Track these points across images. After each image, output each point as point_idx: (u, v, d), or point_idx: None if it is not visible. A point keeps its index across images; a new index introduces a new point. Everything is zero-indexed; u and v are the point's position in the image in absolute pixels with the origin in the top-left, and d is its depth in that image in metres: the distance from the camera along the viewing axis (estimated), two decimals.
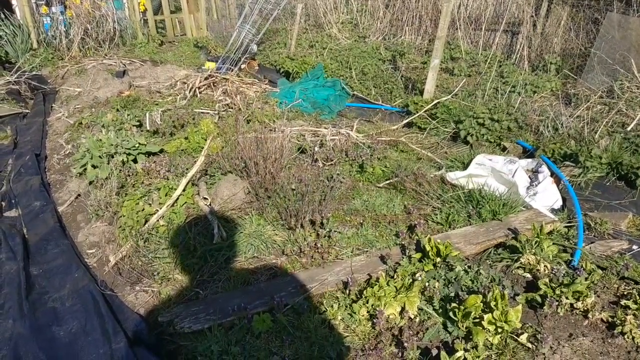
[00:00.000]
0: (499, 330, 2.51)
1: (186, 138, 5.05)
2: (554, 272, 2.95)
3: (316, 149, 4.76)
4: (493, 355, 2.47)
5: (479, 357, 2.39)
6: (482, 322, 2.53)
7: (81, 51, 9.23)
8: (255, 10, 8.24)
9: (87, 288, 3.02)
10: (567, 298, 2.76)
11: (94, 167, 4.35)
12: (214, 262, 3.22)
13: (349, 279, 2.88)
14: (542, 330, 2.64)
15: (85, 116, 6.09)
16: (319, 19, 10.21)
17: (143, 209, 3.69)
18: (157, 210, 3.69)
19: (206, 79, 7.08)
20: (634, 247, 3.39)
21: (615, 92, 5.60)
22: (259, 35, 8.49)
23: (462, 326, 2.59)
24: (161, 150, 4.85)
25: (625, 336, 2.57)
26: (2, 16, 8.77)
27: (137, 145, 4.56)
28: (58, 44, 9.21)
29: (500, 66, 7.41)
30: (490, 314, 2.53)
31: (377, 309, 2.66)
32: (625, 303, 2.75)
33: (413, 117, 5.83)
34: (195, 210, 3.80)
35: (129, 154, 4.49)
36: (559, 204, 3.99)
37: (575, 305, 2.76)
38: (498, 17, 8.27)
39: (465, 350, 2.43)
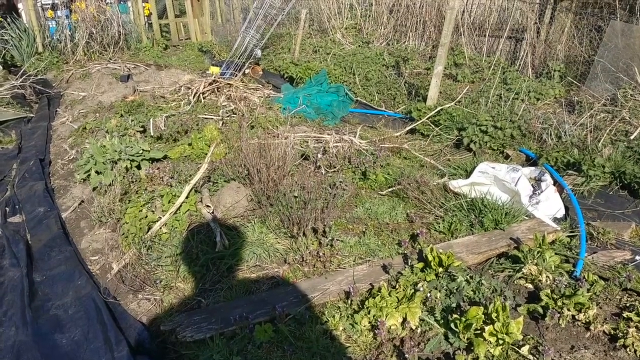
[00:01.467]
0: (500, 341, 2.51)
1: (190, 144, 5.07)
2: (556, 282, 2.95)
3: (319, 155, 4.77)
4: None
5: None
6: (484, 333, 2.53)
7: (86, 55, 9.28)
8: (259, 15, 8.26)
9: (89, 295, 3.03)
10: (568, 309, 2.76)
11: (97, 173, 4.37)
12: (216, 271, 3.23)
13: (351, 288, 2.88)
14: (544, 342, 2.63)
15: (90, 121, 6.13)
16: (323, 24, 10.24)
17: (146, 216, 3.70)
18: (160, 218, 3.71)
19: (210, 84, 7.10)
20: (637, 257, 3.38)
21: (618, 100, 5.59)
22: (263, 40, 8.52)
23: (464, 337, 2.59)
24: (165, 157, 4.87)
25: (628, 349, 2.56)
26: (9, 20, 8.83)
27: (140, 152, 4.58)
28: (63, 48, 9.26)
29: (503, 73, 7.41)
30: (491, 325, 2.53)
31: (379, 319, 2.66)
32: (627, 315, 2.75)
33: (416, 123, 5.84)
34: (198, 217, 3.82)
35: (133, 160, 4.51)
36: (561, 213, 3.99)
37: (577, 317, 2.76)
38: (502, 23, 8.28)
39: None
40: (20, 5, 9.62)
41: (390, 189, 4.33)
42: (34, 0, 9.23)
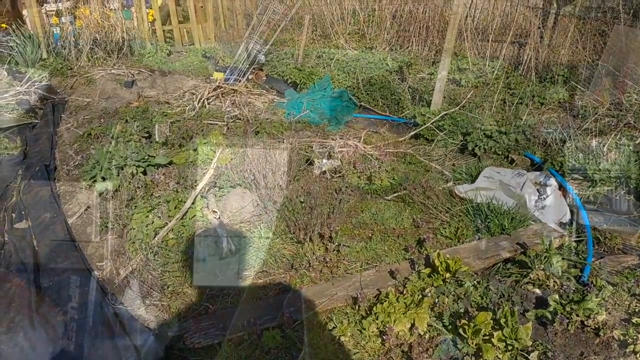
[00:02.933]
0: (509, 347, 2.50)
1: (195, 150, 5.07)
2: (563, 288, 2.94)
3: (324, 160, 4.77)
4: None
5: None
6: (492, 339, 2.52)
7: (90, 61, 9.30)
8: (263, 21, 8.29)
9: (97, 301, 3.03)
10: (577, 315, 2.75)
11: (103, 179, 4.38)
12: (223, 277, 3.23)
13: (359, 294, 2.88)
14: (553, 348, 2.62)
15: (95, 127, 6.14)
16: (326, 30, 10.25)
17: (153, 222, 3.71)
18: (167, 223, 3.71)
19: (214, 89, 7.12)
20: None
21: (623, 105, 5.58)
22: (267, 46, 8.54)
23: (472, 343, 2.58)
24: (170, 162, 4.88)
25: (638, 355, 2.55)
26: (14, 27, 8.88)
27: (146, 157, 4.59)
28: (67, 54, 9.29)
29: (507, 77, 7.41)
30: (500, 331, 2.52)
31: (387, 325, 2.66)
32: (636, 321, 2.74)
33: (420, 128, 5.84)
34: (204, 223, 3.82)
35: (139, 166, 4.51)
36: (567, 217, 3.98)
37: (586, 323, 2.75)
38: (505, 28, 8.28)
39: None
40: (25, 12, 9.67)
41: (395, 194, 4.33)
42: (39, 7, 9.28)
